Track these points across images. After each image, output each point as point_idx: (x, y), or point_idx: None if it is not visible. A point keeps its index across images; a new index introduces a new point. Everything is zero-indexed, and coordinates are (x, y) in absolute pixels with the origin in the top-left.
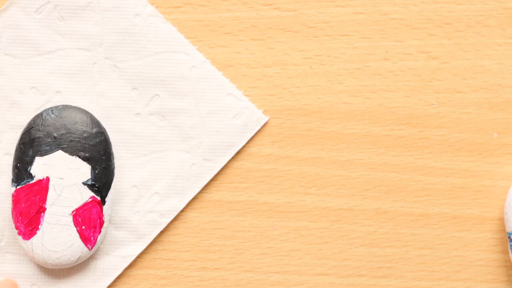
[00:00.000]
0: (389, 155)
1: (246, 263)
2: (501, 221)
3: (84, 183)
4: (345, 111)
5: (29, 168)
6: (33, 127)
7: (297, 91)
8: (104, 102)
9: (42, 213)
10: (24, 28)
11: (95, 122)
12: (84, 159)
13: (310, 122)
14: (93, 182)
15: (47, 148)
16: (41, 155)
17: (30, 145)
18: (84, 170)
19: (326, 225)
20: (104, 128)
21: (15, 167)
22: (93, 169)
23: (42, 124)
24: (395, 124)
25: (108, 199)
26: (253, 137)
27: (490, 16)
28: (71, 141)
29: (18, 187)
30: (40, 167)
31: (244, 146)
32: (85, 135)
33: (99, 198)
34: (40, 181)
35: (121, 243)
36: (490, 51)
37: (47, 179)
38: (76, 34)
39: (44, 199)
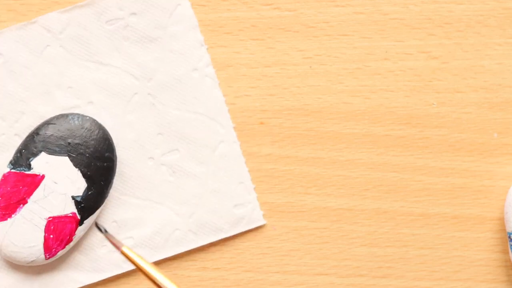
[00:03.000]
0: (389, 155)
1: (246, 263)
2: (501, 221)
3: (73, 197)
4: (345, 111)
5: (31, 158)
6: (54, 123)
7: (297, 91)
8: (128, 133)
9: (22, 205)
10: (89, 31)
11: (111, 148)
12: (85, 175)
13: (310, 122)
14: (81, 200)
15: (57, 149)
16: (48, 153)
17: (43, 138)
18: (79, 186)
19: (326, 225)
20: (116, 157)
21: (19, 151)
22: (87, 188)
23: (63, 125)
24: (395, 124)
25: (87, 222)
26: (253, 137)
27: (490, 16)
28: (81, 154)
29: (13, 170)
30: (41, 163)
31: (244, 146)
32: (96, 154)
33: (79, 217)
34: (35, 175)
35: (77, 267)
36: (490, 51)
37: (42, 177)
38: (133, 59)
39: (30, 193)
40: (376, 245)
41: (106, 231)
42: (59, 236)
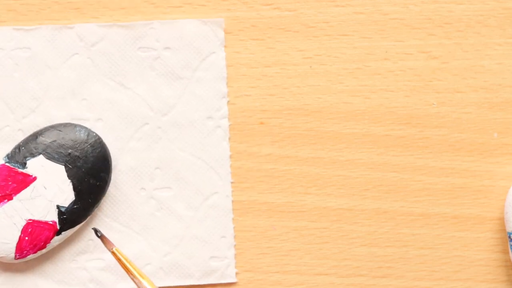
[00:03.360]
0: (389, 155)
1: (246, 263)
2: (501, 221)
3: (58, 206)
4: (345, 111)
5: (28, 158)
6: (60, 130)
7: (297, 91)
8: (128, 159)
9: (6, 200)
10: (121, 51)
11: (108, 169)
12: (75, 189)
13: (310, 122)
14: (65, 211)
15: (56, 156)
16: (47, 157)
17: (45, 141)
18: (67, 197)
19: (326, 225)
20: (110, 179)
21: (18, 147)
22: (74, 202)
23: (68, 134)
24: (395, 124)
25: (64, 233)
26: (253, 137)
27: (490, 16)
28: (78, 167)
29: (7, 164)
30: (37, 165)
31: (244, 146)
32: (92, 171)
33: (58, 227)
34: (28, 175)
35: (43, 275)
36: (490, 51)
37: (34, 178)
38: (154, 91)
39: (17, 191)
40: (376, 245)
41: (101, 233)
42: (34, 241)
